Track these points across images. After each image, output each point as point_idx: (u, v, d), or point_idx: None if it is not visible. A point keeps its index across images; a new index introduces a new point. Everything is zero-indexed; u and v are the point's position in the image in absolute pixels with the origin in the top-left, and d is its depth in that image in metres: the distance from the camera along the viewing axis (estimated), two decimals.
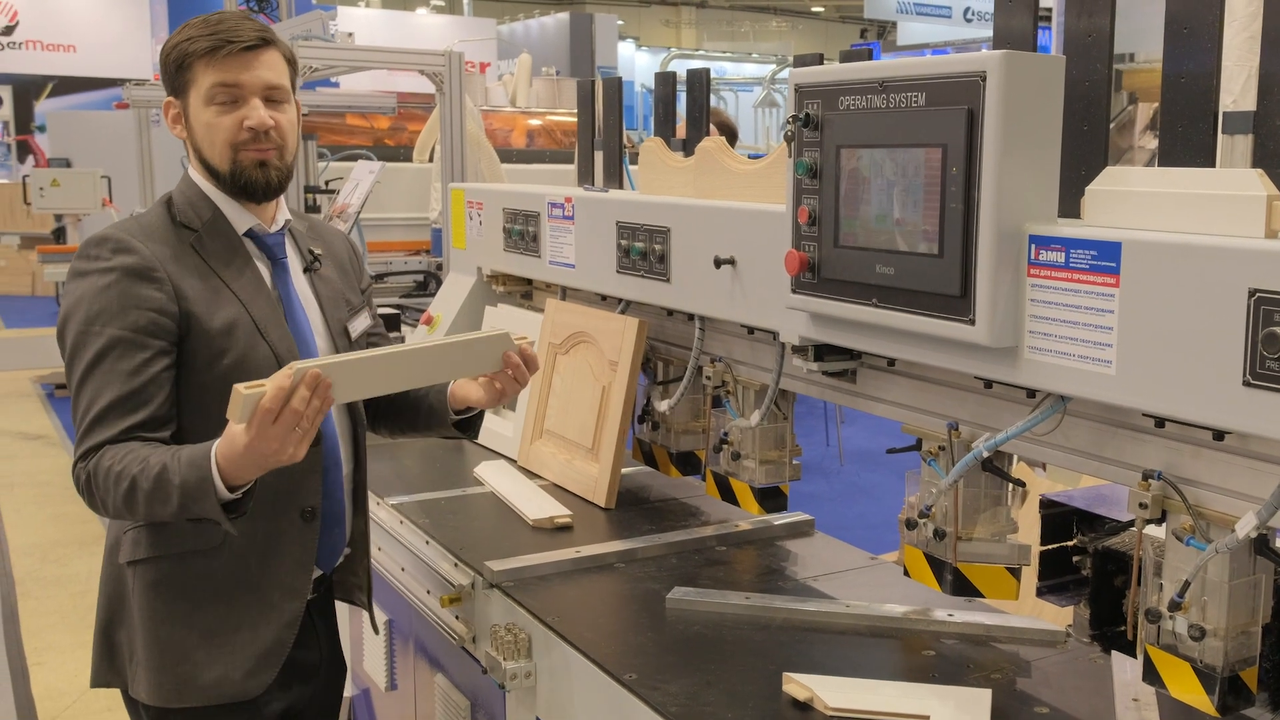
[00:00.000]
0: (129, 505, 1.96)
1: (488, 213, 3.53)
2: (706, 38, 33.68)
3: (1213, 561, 1.68)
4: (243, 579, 2.17)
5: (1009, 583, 2.12)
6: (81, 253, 2.11)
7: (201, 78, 2.13)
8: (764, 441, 2.63)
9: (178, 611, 2.14)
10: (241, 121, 2.13)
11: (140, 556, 2.14)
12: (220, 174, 2.17)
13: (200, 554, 2.14)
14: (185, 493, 1.90)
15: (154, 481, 1.92)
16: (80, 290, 2.07)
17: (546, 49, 20.22)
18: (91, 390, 2.01)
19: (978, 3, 19.09)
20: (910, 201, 1.89)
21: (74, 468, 2.02)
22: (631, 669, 2.00)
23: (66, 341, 2.07)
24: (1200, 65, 1.79)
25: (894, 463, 7.78)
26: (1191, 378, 1.57)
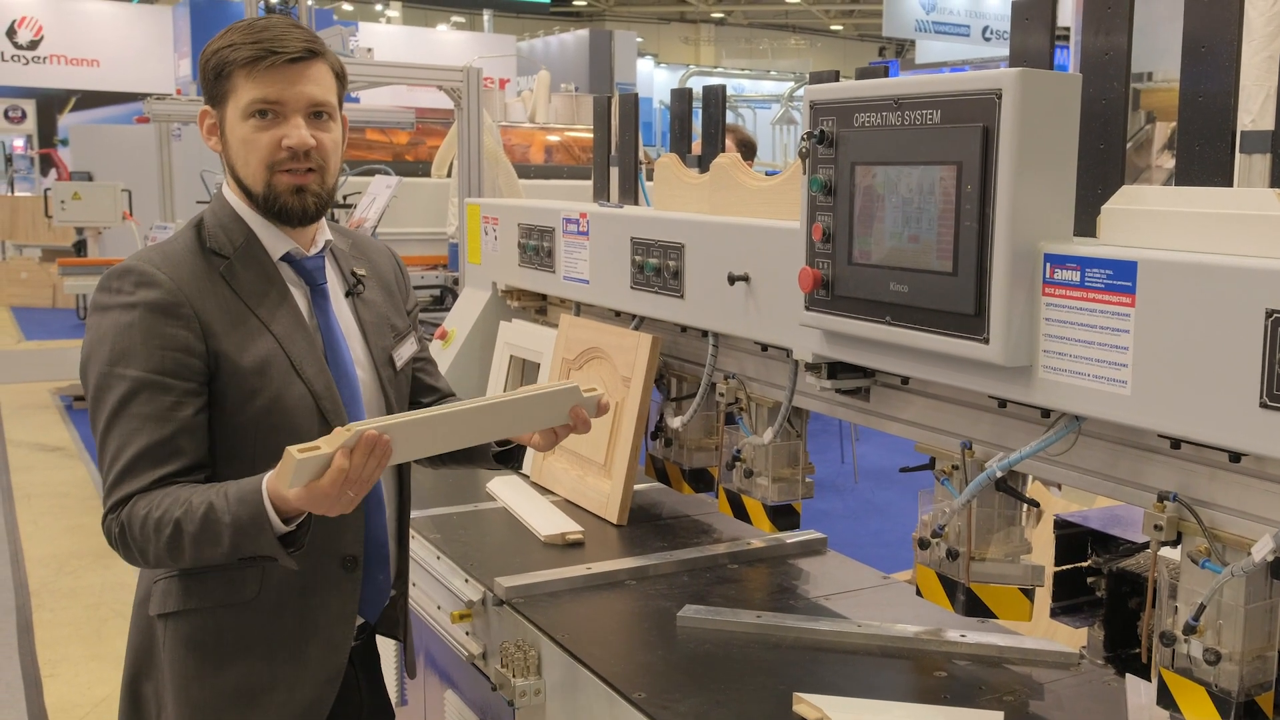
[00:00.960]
0: (173, 551, 1.81)
1: (503, 228, 3.54)
2: (725, 55, 33.78)
3: (1228, 585, 1.66)
4: (279, 634, 2.01)
5: (1022, 604, 2.10)
6: (103, 285, 1.95)
7: (241, 89, 1.95)
8: (777, 459, 2.61)
9: (209, 669, 1.99)
10: (280, 140, 1.95)
11: (171, 609, 1.98)
12: (254, 194, 2.00)
13: (234, 607, 1.98)
14: (238, 530, 1.76)
15: (200, 523, 1.78)
16: (102, 327, 1.92)
17: (566, 65, 20.28)
18: (118, 438, 1.87)
19: (996, 22, 19.07)
20: (925, 219, 1.88)
21: (104, 520, 1.87)
22: (641, 687, 1.99)
23: (89, 383, 1.93)
24: (1218, 85, 1.78)
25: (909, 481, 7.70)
26: (1208, 399, 1.55)
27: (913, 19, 19.05)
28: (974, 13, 19.40)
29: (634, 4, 33.09)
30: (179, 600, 1.98)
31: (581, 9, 32.49)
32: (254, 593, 1.99)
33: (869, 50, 33.19)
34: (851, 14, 33.39)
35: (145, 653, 2.05)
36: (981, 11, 19.57)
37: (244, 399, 1.95)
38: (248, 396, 1.95)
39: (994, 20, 19.27)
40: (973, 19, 19.32)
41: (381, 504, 2.15)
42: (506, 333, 3.57)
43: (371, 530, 2.12)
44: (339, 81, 2.08)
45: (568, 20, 29.92)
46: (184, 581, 1.98)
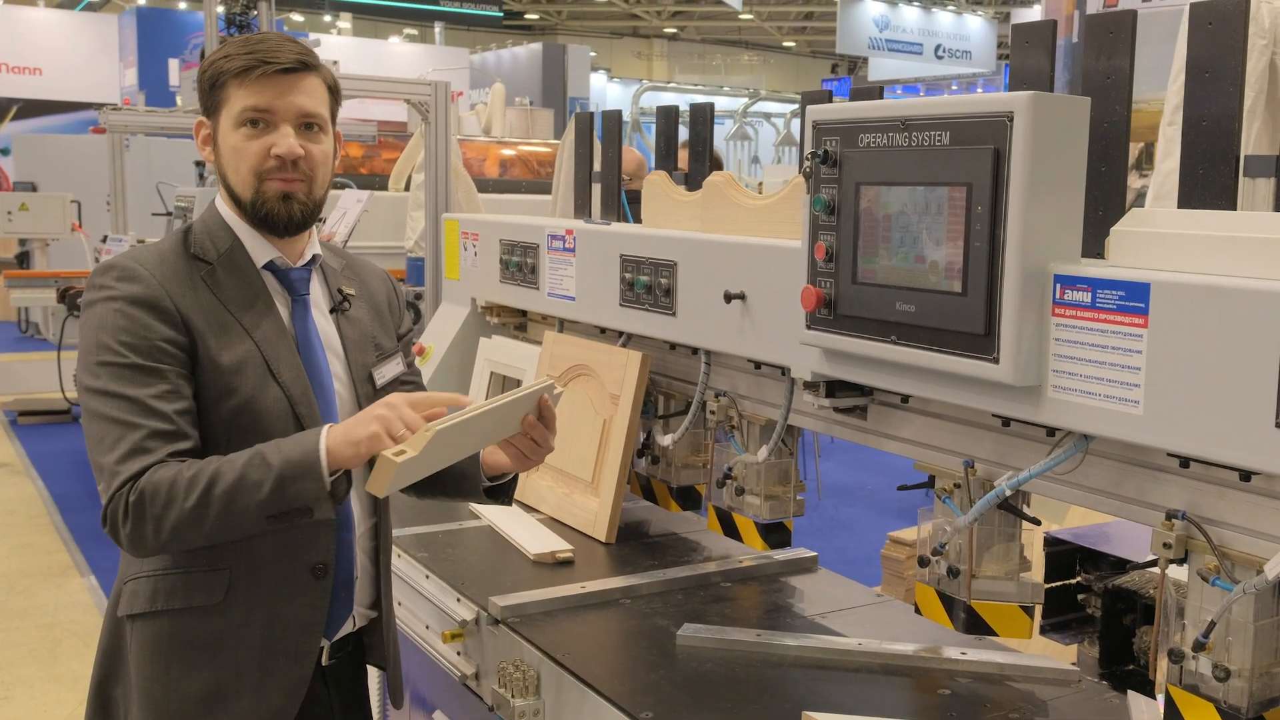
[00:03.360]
0: (200, 508, 1.80)
1: (483, 244, 3.52)
2: (678, 70, 33.91)
3: (1238, 602, 1.68)
4: (245, 640, 2.01)
5: (1023, 621, 2.12)
6: (89, 283, 2.00)
7: (233, 98, 1.99)
8: (769, 477, 2.62)
9: (175, 673, 1.99)
10: (269, 148, 1.99)
11: (139, 610, 1.99)
12: (243, 202, 2.04)
13: (201, 610, 1.98)
14: (285, 471, 1.80)
15: (244, 467, 1.81)
16: (89, 322, 1.96)
17: (519, 79, 20.27)
18: (118, 421, 1.87)
19: (949, 40, 19.35)
20: (933, 239, 1.89)
21: (110, 500, 1.84)
22: (647, 707, 1.98)
23: (79, 375, 1.95)
24: (1222, 108, 1.81)
25: (872, 498, 7.73)
26: (1221, 419, 1.57)
27: (866, 36, 19.26)
28: (927, 31, 19.65)
29: (586, 18, 33.15)
30: (147, 601, 1.99)
31: (533, 22, 32.49)
32: (221, 596, 1.99)
33: (822, 67, 33.47)
34: (804, 31, 33.65)
35: (114, 655, 2.06)
36: (934, 30, 19.83)
37: (218, 397, 1.97)
38: (222, 395, 1.97)
39: (946, 39, 19.55)
40: (925, 37, 19.57)
41: (350, 524, 2.13)
42: (486, 349, 3.54)
43: (338, 548, 2.10)
44: (332, 95, 2.10)
45: (519, 34, 29.87)
46: (154, 582, 1.99)
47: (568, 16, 32.67)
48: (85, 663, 5.19)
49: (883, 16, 19.08)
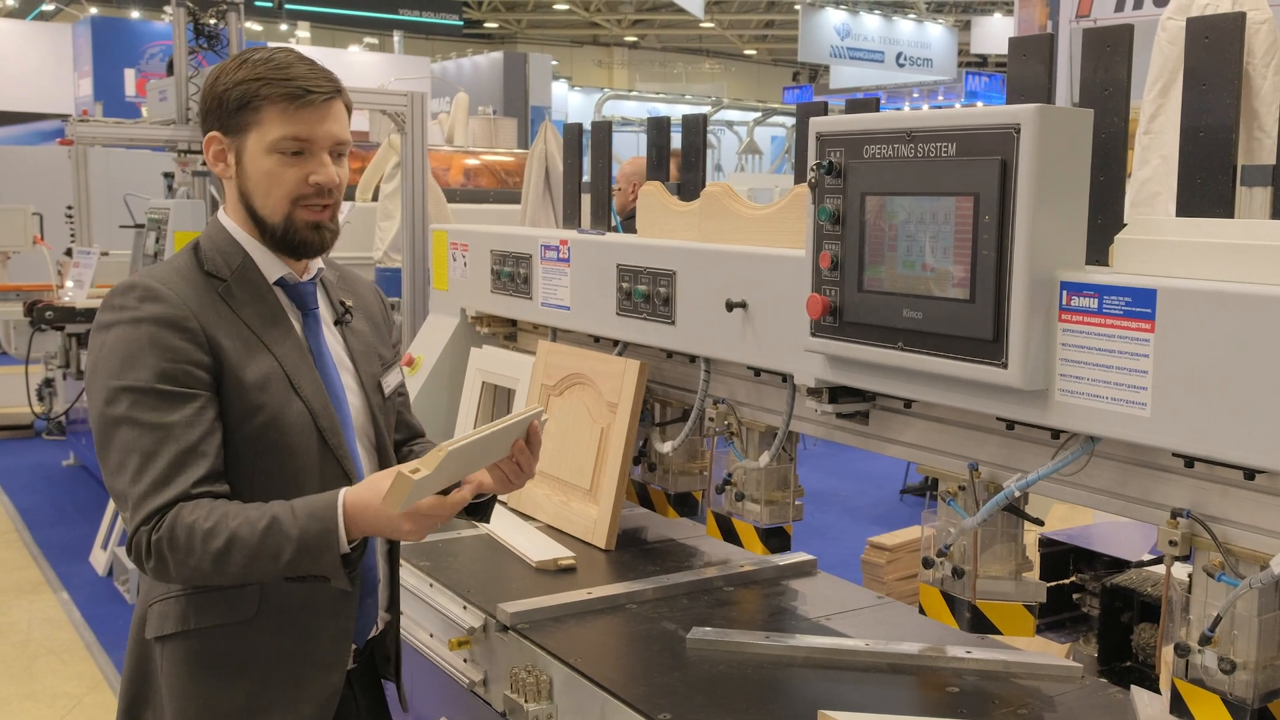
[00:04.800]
0: (220, 563, 1.82)
1: (474, 254, 3.54)
2: (639, 79, 34.01)
3: (1243, 597, 1.74)
4: (278, 653, 2.01)
5: (1026, 620, 2.17)
6: (106, 304, 1.96)
7: (270, 124, 1.98)
8: (769, 482, 2.66)
9: (209, 690, 1.99)
10: (307, 176, 2.00)
11: (169, 631, 1.98)
12: (268, 225, 2.03)
13: (233, 627, 1.99)
14: (303, 546, 1.82)
15: (263, 535, 1.82)
16: (108, 343, 1.93)
17: (480, 88, 20.25)
18: (143, 448, 1.86)
19: (910, 48, 19.55)
20: (940, 248, 1.94)
21: (135, 532, 1.84)
22: (664, 709, 2.01)
23: (97, 397, 1.91)
24: (1219, 119, 1.87)
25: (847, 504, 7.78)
26: (1228, 420, 1.63)
27: (827, 44, 19.41)
28: (888, 39, 19.84)
29: (546, 27, 33.17)
30: (178, 621, 1.98)
31: (493, 31, 32.48)
32: (252, 612, 1.98)
33: (783, 75, 33.67)
34: (765, 39, 33.85)
35: (141, 678, 2.05)
36: (895, 38, 20.02)
37: (245, 415, 1.96)
38: (249, 413, 1.96)
39: (907, 47, 19.75)
40: (887, 45, 19.76)
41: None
42: (478, 359, 3.56)
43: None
44: (349, 117, 2.13)
45: (479, 43, 29.88)
46: (183, 602, 1.98)
47: (527, 25, 32.69)
48: (62, 679, 5.19)
49: (844, 25, 19.26)
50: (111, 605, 6.20)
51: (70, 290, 7.46)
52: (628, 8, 29.73)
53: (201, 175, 7.08)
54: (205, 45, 7.40)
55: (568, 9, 30.57)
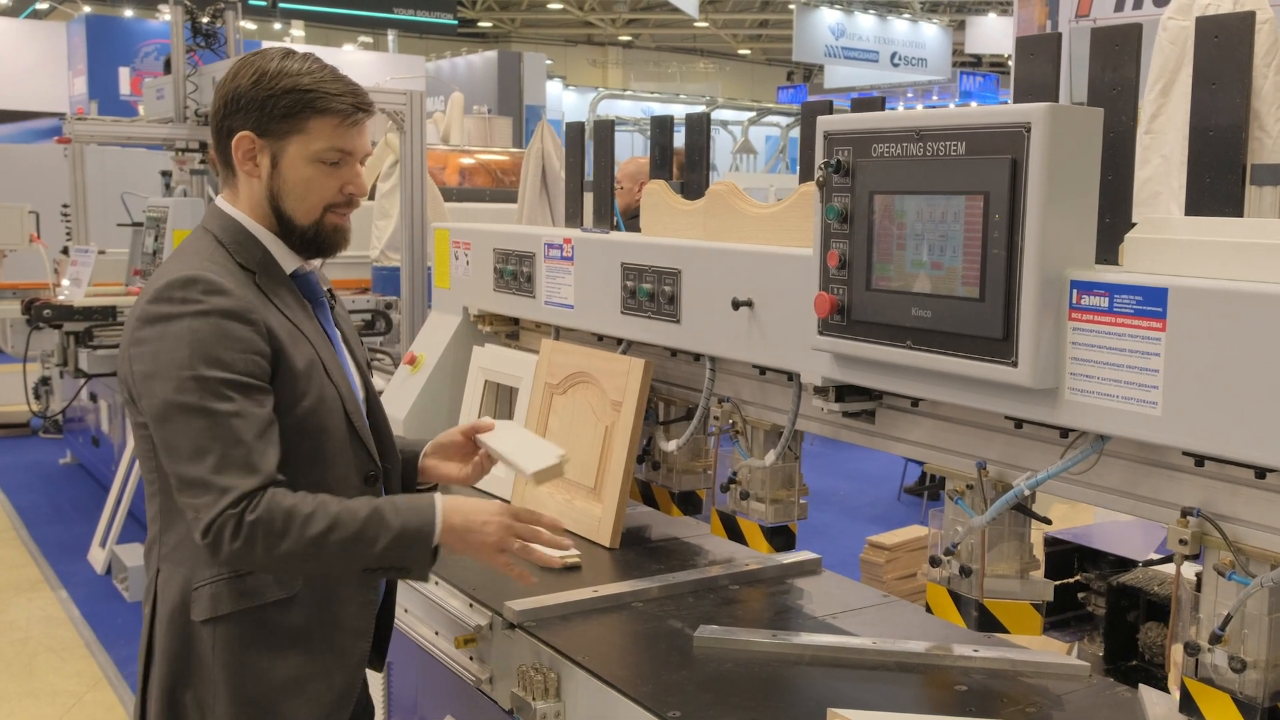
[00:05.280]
0: (315, 547, 1.92)
1: (476, 253, 3.54)
2: (633, 78, 33.99)
3: (1253, 595, 1.74)
4: (316, 626, 2.12)
5: (1034, 618, 2.17)
6: (163, 296, 1.98)
7: (317, 134, 2.07)
8: (774, 481, 2.66)
9: (263, 665, 2.07)
10: (343, 186, 2.12)
11: (223, 612, 2.05)
12: (297, 226, 2.12)
13: (281, 603, 2.08)
14: (402, 535, 1.97)
15: (364, 522, 1.94)
16: (172, 335, 1.96)
17: (474, 87, 20.23)
18: (222, 436, 1.91)
19: (904, 48, 19.56)
20: (949, 247, 1.94)
21: (219, 516, 1.89)
22: (672, 707, 2.01)
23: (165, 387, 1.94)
24: (1228, 118, 1.87)
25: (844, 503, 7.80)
26: (1239, 418, 1.63)
27: (822, 44, 19.42)
28: (882, 39, 19.85)
29: (540, 26, 33.15)
30: (232, 601, 2.05)
31: (487, 30, 32.45)
32: (297, 588, 2.09)
33: (777, 74, 33.66)
34: (760, 38, 33.85)
35: (184, 661, 2.09)
36: (890, 38, 20.03)
37: (294, 401, 2.05)
38: (297, 398, 2.06)
39: (902, 46, 19.75)
40: (881, 45, 19.77)
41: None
42: (480, 357, 3.56)
43: None
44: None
45: (473, 42, 29.85)
46: (235, 584, 2.05)
47: (521, 24, 32.66)
48: (62, 677, 5.18)
49: (838, 24, 19.26)
50: (110, 603, 6.19)
51: (68, 289, 7.44)
52: (622, 7, 29.72)
53: (199, 173, 7.06)
54: (203, 44, 7.38)
55: (562, 8, 30.56)
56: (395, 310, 7.29)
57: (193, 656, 2.07)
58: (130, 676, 5.17)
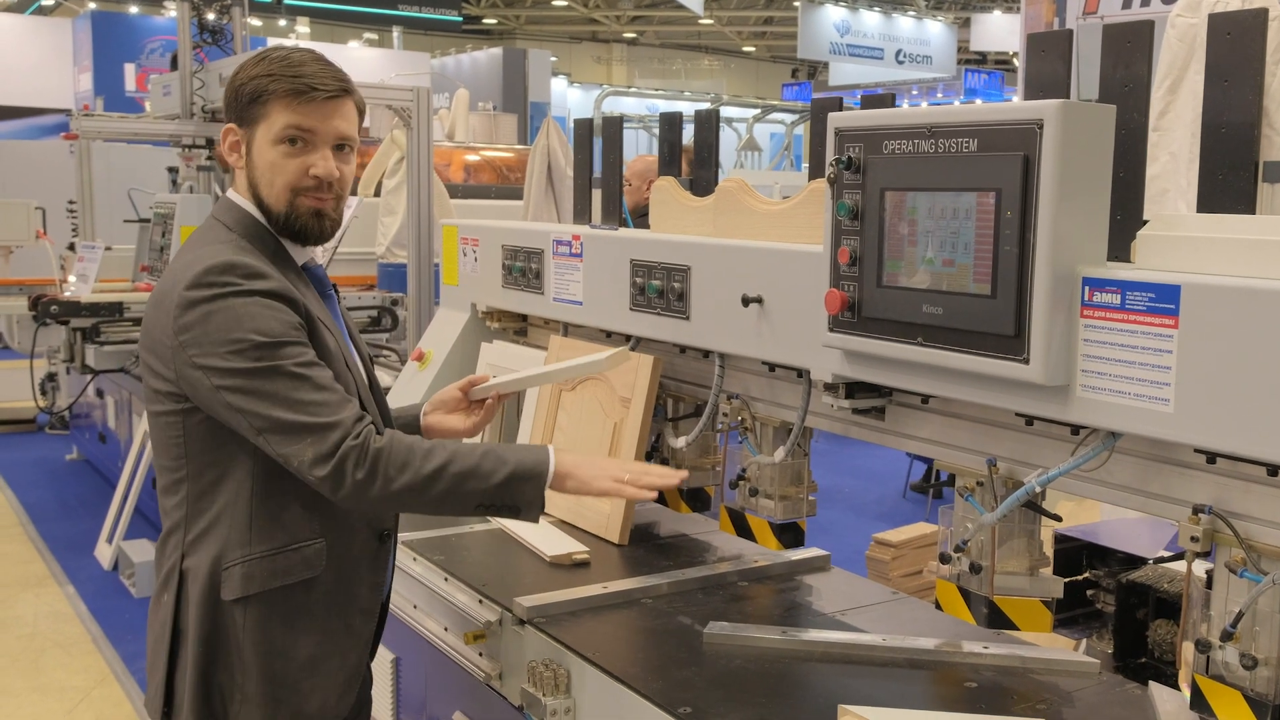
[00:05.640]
0: (431, 480, 2.00)
1: (484, 249, 3.54)
2: (638, 75, 33.98)
3: (1265, 593, 1.74)
4: (332, 605, 2.18)
5: (1044, 615, 2.17)
6: (202, 281, 2.01)
7: (275, 115, 2.11)
8: (783, 478, 2.66)
9: (287, 643, 2.13)
10: (308, 168, 2.13)
11: (253, 591, 2.10)
12: (273, 214, 2.16)
13: (306, 583, 2.13)
14: (517, 472, 2.06)
15: (480, 457, 2.05)
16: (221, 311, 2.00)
17: (479, 84, 20.22)
18: (311, 383, 2.00)
19: (909, 45, 19.55)
20: (960, 243, 1.94)
21: (340, 446, 1.96)
22: (683, 703, 2.02)
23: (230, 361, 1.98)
24: (1241, 115, 1.87)
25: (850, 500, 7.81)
26: (1252, 415, 1.63)
27: (826, 41, 19.40)
28: (887, 36, 19.83)
29: (544, 23, 33.15)
30: (262, 580, 2.10)
31: (491, 27, 32.45)
32: (321, 567, 2.14)
33: (782, 71, 33.65)
34: (764, 35, 33.84)
35: (215, 642, 2.12)
36: (894, 35, 20.01)
37: None
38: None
39: (906, 44, 19.73)
40: (886, 42, 19.75)
41: None
42: (488, 354, 3.56)
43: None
44: (360, 116, 2.24)
45: (478, 39, 29.83)
46: (264, 563, 2.10)
47: (526, 21, 32.67)
48: (70, 673, 5.19)
49: (843, 21, 19.25)
50: (117, 599, 6.21)
51: (75, 284, 7.45)
52: (627, 4, 29.73)
53: (206, 170, 7.08)
54: (209, 40, 7.39)
55: (566, 5, 30.57)
56: (401, 307, 7.30)
57: (225, 637, 2.11)
58: (139, 672, 5.19)
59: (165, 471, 2.15)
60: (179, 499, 2.13)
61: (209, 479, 2.10)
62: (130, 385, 7.40)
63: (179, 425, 2.08)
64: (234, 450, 2.08)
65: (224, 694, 2.12)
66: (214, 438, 2.08)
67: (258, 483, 2.09)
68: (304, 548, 2.12)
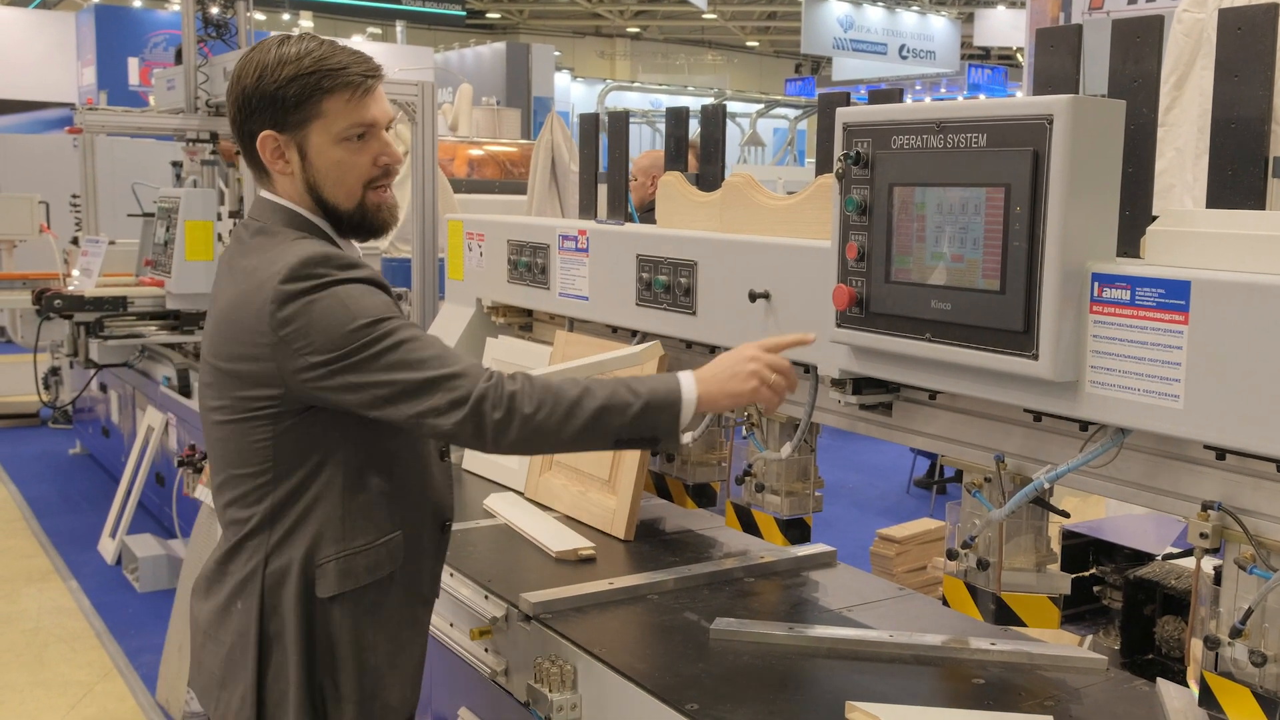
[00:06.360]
0: (571, 414, 1.99)
1: (490, 244, 3.54)
2: (641, 70, 33.95)
3: (1275, 589, 1.74)
4: (405, 596, 2.18)
5: (1051, 612, 2.17)
6: (299, 274, 1.97)
7: (334, 115, 2.04)
8: (789, 473, 2.66)
9: (377, 639, 2.12)
10: (375, 158, 2.09)
11: (349, 587, 2.08)
12: (341, 211, 2.11)
13: (390, 577, 2.13)
14: (651, 402, 2.03)
15: (612, 390, 2.03)
16: (328, 303, 1.97)
17: (483, 78, 20.18)
18: (431, 344, 2.01)
19: (913, 40, 19.51)
20: (969, 239, 1.94)
21: (474, 390, 1.96)
22: (689, 699, 2.01)
23: (344, 340, 1.95)
24: (1251, 110, 1.86)
25: (854, 496, 7.79)
26: (1262, 411, 1.63)
27: (830, 36, 19.37)
28: (891, 31, 19.80)
29: (548, 17, 33.12)
30: (359, 575, 2.09)
31: (495, 22, 32.41)
32: (400, 562, 2.14)
33: (785, 67, 33.57)
34: (768, 30, 33.78)
35: (314, 643, 2.08)
36: (898, 30, 19.98)
37: None
38: None
39: (910, 39, 19.69)
40: (890, 37, 19.71)
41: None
42: (494, 349, 3.56)
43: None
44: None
45: (481, 33, 29.80)
46: (358, 558, 2.08)
47: (530, 15, 32.63)
48: (73, 667, 5.19)
49: (847, 16, 19.22)
50: (121, 594, 6.21)
51: (78, 279, 7.44)
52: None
53: (210, 164, 7.06)
54: (214, 35, 7.38)
55: (570, 0, 30.52)
56: (405, 301, 7.28)
57: (324, 637, 2.08)
58: (142, 666, 5.19)
59: (243, 480, 2.08)
60: (263, 505, 2.07)
61: (297, 478, 2.06)
62: (134, 380, 7.40)
63: (268, 428, 2.03)
64: (327, 445, 2.05)
65: (324, 694, 2.09)
66: (307, 434, 2.04)
67: (348, 478, 2.07)
68: (388, 541, 2.11)
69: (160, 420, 6.66)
